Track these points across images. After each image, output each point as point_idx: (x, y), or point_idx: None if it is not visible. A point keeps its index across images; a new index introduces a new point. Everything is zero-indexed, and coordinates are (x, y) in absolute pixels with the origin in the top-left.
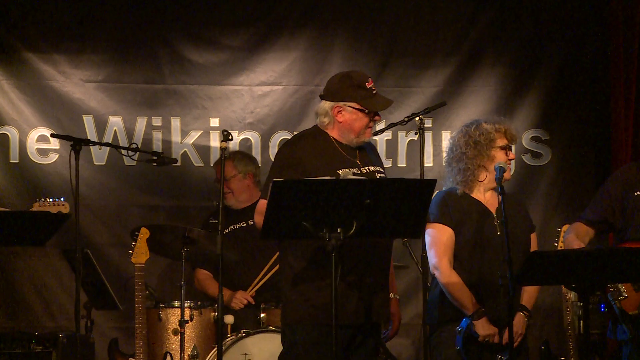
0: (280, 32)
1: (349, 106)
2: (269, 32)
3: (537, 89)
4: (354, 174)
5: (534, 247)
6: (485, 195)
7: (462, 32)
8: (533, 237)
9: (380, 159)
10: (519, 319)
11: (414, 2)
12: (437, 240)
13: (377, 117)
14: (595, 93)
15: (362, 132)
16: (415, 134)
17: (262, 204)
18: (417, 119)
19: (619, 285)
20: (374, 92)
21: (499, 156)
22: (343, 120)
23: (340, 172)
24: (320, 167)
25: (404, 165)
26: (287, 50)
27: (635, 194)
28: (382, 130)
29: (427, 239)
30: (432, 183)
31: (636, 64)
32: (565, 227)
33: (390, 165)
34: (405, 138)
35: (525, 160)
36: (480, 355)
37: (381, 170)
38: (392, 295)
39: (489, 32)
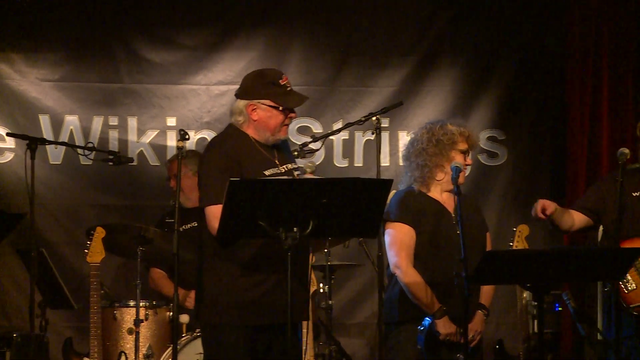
0: (237, 32)
1: (262, 104)
2: (227, 31)
3: (494, 89)
4: (276, 174)
5: (488, 247)
6: (443, 195)
7: (420, 32)
8: (487, 237)
9: (293, 155)
10: (479, 318)
11: (372, 3)
12: (398, 240)
13: (292, 115)
14: (551, 93)
15: (278, 130)
16: (372, 133)
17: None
18: (374, 118)
19: (628, 276)
20: (289, 88)
21: (458, 159)
22: (258, 118)
23: (266, 172)
24: (250, 167)
25: (361, 164)
26: (244, 50)
27: (635, 194)
28: (339, 130)
29: (387, 238)
30: (388, 183)
31: (592, 65)
32: (521, 227)
33: (347, 165)
34: (362, 138)
35: (482, 160)
36: (439, 353)
37: (297, 167)
38: None
39: (447, 32)
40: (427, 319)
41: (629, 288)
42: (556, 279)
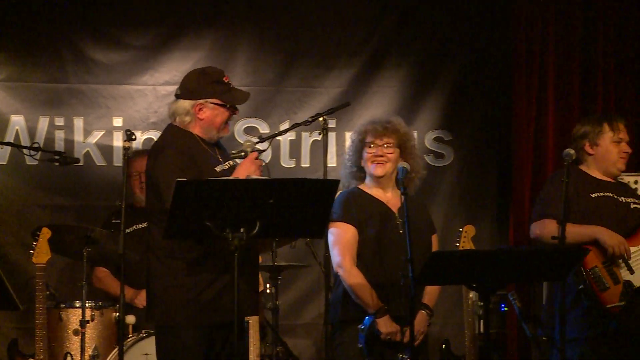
0: (184, 32)
1: (210, 102)
2: (174, 31)
3: (440, 90)
4: (223, 170)
5: (434, 248)
6: (387, 194)
7: (367, 33)
8: (434, 238)
9: (229, 154)
10: (421, 318)
11: (319, 3)
12: (341, 239)
13: (236, 111)
14: (497, 95)
15: (222, 127)
16: (319, 134)
17: None
18: (321, 119)
19: (601, 276)
20: (231, 86)
21: (368, 154)
22: (205, 117)
23: (217, 169)
24: (204, 164)
25: (308, 165)
26: (191, 50)
27: (592, 195)
28: (285, 131)
29: (330, 237)
30: (334, 183)
31: (538, 66)
32: (467, 227)
33: (293, 166)
34: (309, 138)
35: (428, 161)
36: (383, 353)
37: (236, 164)
38: None
39: (393, 33)
40: (367, 317)
41: (603, 288)
42: (502, 280)
